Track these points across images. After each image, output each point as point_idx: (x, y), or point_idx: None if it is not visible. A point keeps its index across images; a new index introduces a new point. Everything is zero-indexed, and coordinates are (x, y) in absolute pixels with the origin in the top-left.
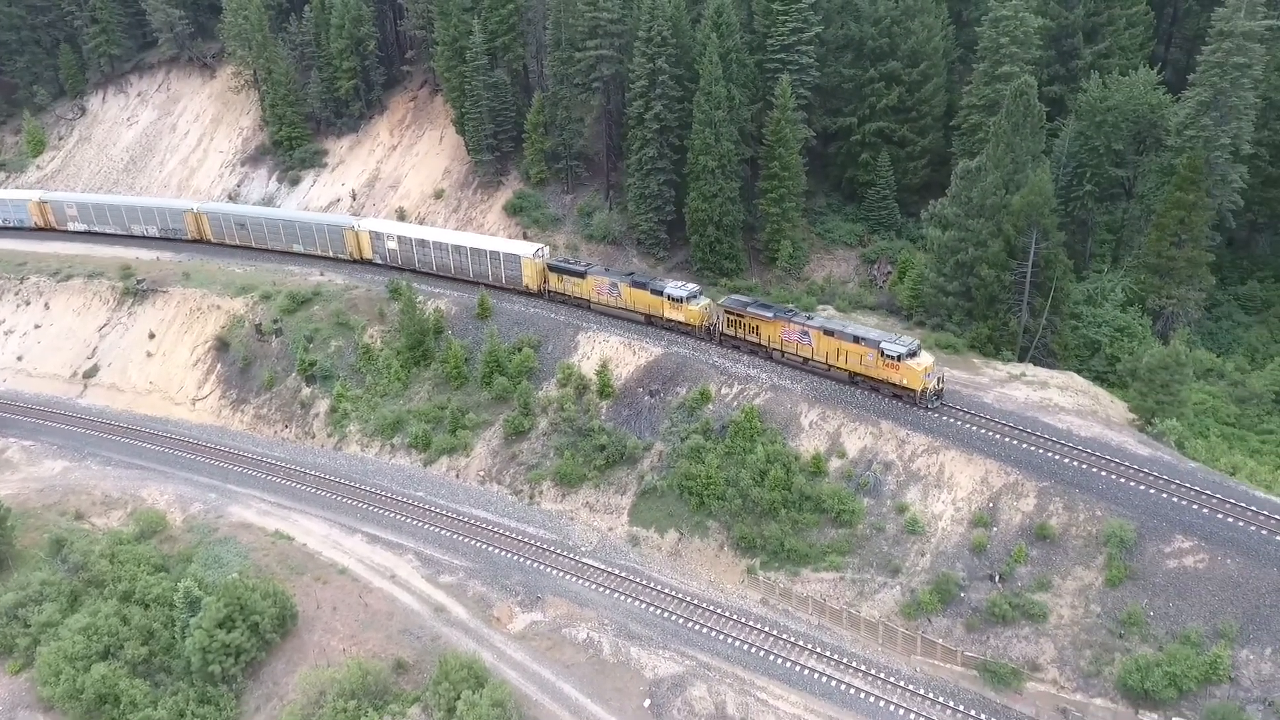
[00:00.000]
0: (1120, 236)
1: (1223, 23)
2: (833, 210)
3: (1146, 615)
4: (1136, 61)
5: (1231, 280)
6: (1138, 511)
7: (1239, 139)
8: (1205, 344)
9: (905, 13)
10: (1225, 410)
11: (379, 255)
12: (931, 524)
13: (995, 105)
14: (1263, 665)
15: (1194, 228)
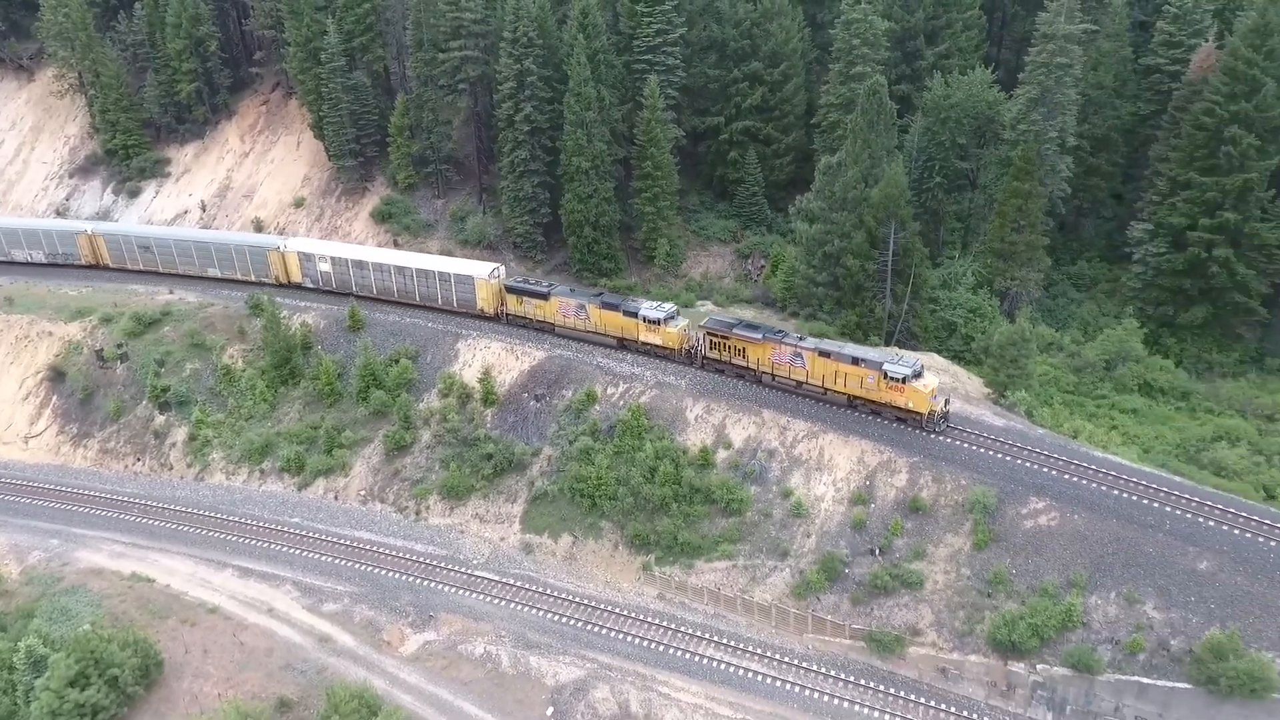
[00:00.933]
0: (968, 224)
1: (1046, 26)
2: (706, 208)
3: (1010, 574)
4: (973, 62)
5: (1064, 261)
6: (997, 478)
7: (1064, 132)
8: (1045, 320)
9: (764, 15)
10: (1065, 379)
11: (309, 278)
12: (815, 506)
13: (851, 104)
14: (1109, 609)
15: (1030, 214)
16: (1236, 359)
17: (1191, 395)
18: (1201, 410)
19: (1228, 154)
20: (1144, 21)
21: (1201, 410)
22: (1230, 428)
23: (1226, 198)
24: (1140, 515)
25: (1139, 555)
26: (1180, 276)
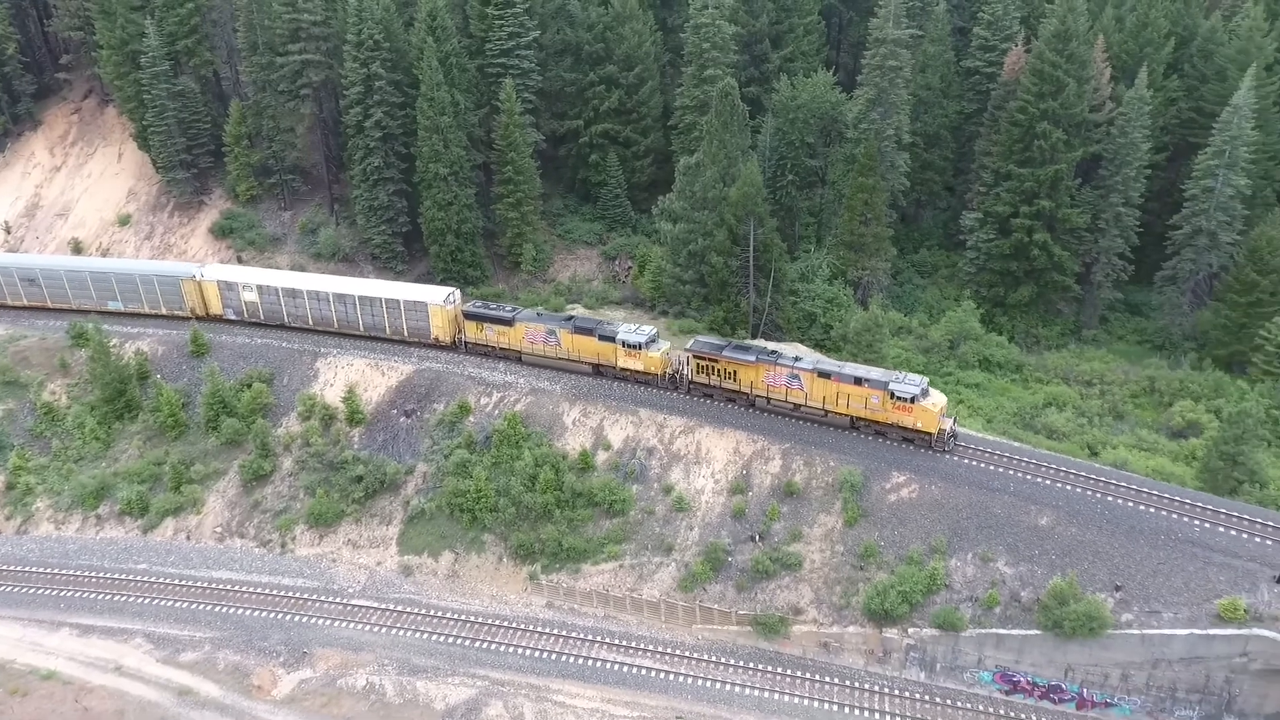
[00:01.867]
0: (820, 219)
1: (877, 31)
2: (570, 211)
3: (879, 546)
4: (815, 65)
5: (908, 250)
6: (862, 457)
7: (900, 130)
8: (895, 306)
9: (616, 19)
10: (916, 360)
11: (232, 310)
12: (696, 499)
13: (705, 105)
14: (967, 569)
15: (875, 208)
16: (1058, 332)
17: (1024, 367)
18: (1033, 380)
19: (1040, 147)
20: (963, 27)
21: (1033, 380)
22: (1057, 394)
23: (1041, 187)
24: (988, 480)
25: (989, 517)
26: (1008, 260)
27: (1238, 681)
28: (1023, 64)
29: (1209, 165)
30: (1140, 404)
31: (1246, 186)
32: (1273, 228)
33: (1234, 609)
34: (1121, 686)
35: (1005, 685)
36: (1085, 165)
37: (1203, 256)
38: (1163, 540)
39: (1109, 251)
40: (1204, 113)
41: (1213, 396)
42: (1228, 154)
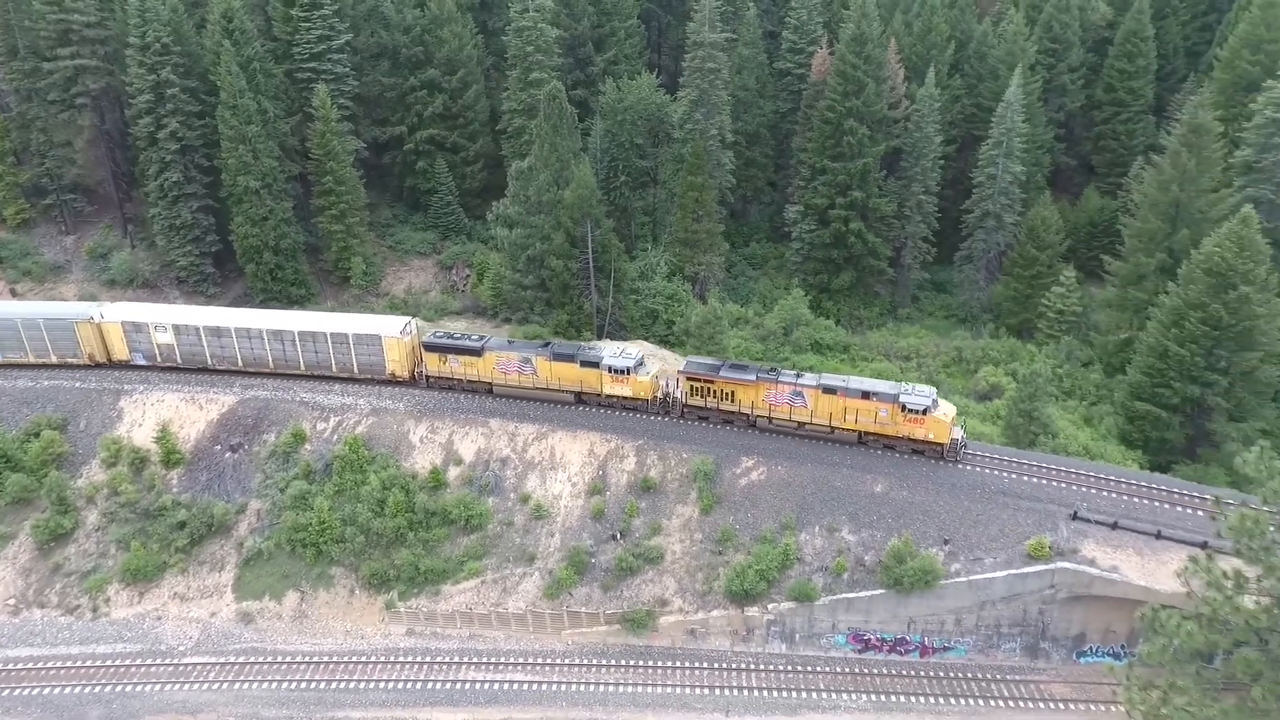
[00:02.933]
0: (655, 218)
1: (694, 34)
2: (400, 221)
3: (735, 530)
4: (638, 67)
5: (739, 244)
6: (712, 446)
7: (723, 130)
8: (732, 298)
9: (434, 22)
10: (754, 348)
11: (141, 354)
12: (554, 505)
13: (533, 109)
14: (816, 541)
15: (706, 205)
16: (878, 313)
17: (850, 347)
18: (859, 359)
19: (848, 143)
20: (773, 31)
21: (859, 359)
22: (881, 370)
23: (852, 180)
24: (827, 456)
25: (831, 490)
26: (829, 249)
27: (1048, 611)
28: (828, 66)
29: (990, 155)
30: (951, 372)
31: (1022, 173)
32: (1044, 208)
33: (1040, 547)
34: (956, 630)
35: (858, 645)
36: (889, 158)
37: (991, 236)
38: (979, 494)
39: (915, 236)
40: (983, 108)
41: (1009, 361)
42: (1005, 144)
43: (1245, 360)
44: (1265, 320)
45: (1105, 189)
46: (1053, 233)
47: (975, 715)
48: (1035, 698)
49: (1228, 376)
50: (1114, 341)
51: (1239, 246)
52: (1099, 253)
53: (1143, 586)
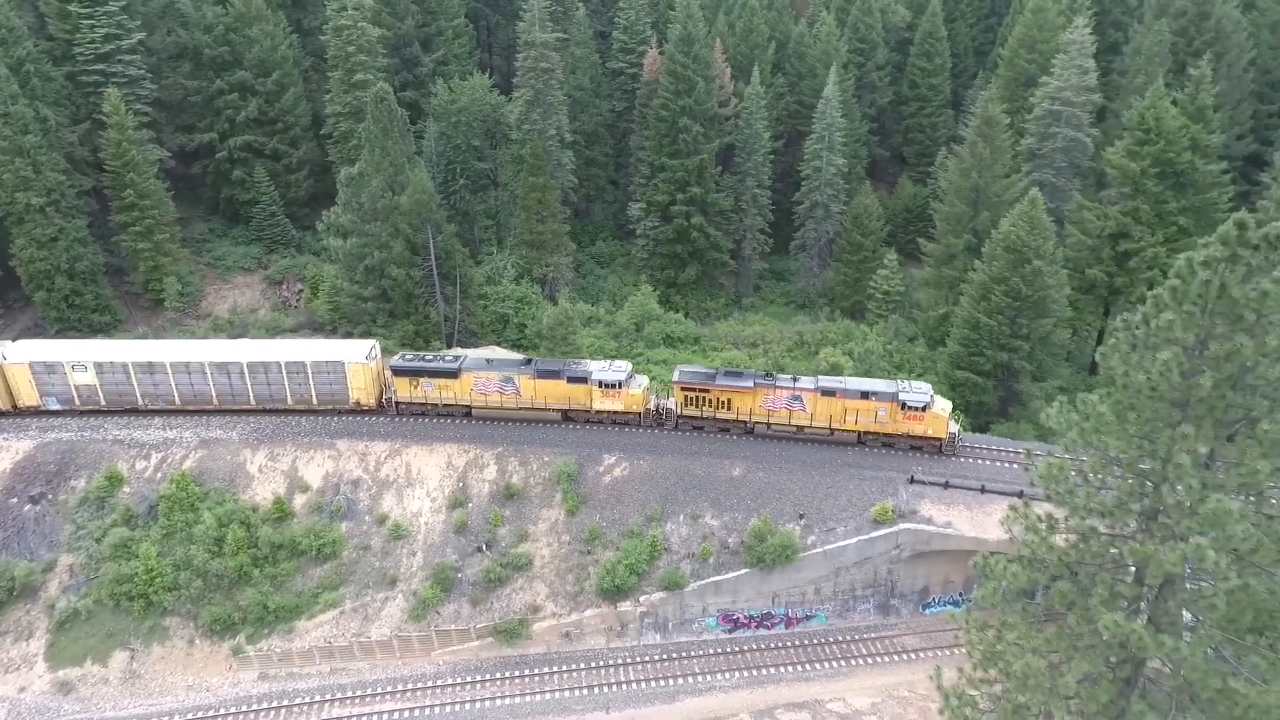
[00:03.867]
0: (499, 220)
1: (525, 34)
2: (219, 235)
3: (602, 527)
4: (470, 68)
5: (585, 243)
6: (573, 446)
7: (561, 130)
8: (582, 298)
9: (240, 20)
10: (608, 346)
11: (55, 398)
12: (414, 523)
13: (360, 112)
14: (681, 530)
15: (549, 205)
16: (724, 303)
17: (701, 339)
18: (709, 349)
19: (684, 140)
20: (603, 31)
21: (709, 349)
22: (731, 358)
23: (690, 176)
24: (686, 445)
25: (692, 479)
26: (673, 244)
27: (895, 570)
28: (659, 66)
29: (814, 149)
30: (795, 356)
31: (844, 165)
32: (866, 198)
33: (885, 512)
34: (816, 599)
35: (728, 625)
36: (723, 155)
37: (821, 226)
38: (828, 468)
39: (752, 229)
40: (805, 105)
41: (846, 341)
42: (826, 139)
43: (1042, 326)
44: (1055, 290)
45: (916, 178)
46: (874, 220)
47: (839, 676)
48: (890, 651)
49: (1029, 342)
50: (934, 317)
51: (1030, 225)
52: (915, 236)
53: (973, 537)
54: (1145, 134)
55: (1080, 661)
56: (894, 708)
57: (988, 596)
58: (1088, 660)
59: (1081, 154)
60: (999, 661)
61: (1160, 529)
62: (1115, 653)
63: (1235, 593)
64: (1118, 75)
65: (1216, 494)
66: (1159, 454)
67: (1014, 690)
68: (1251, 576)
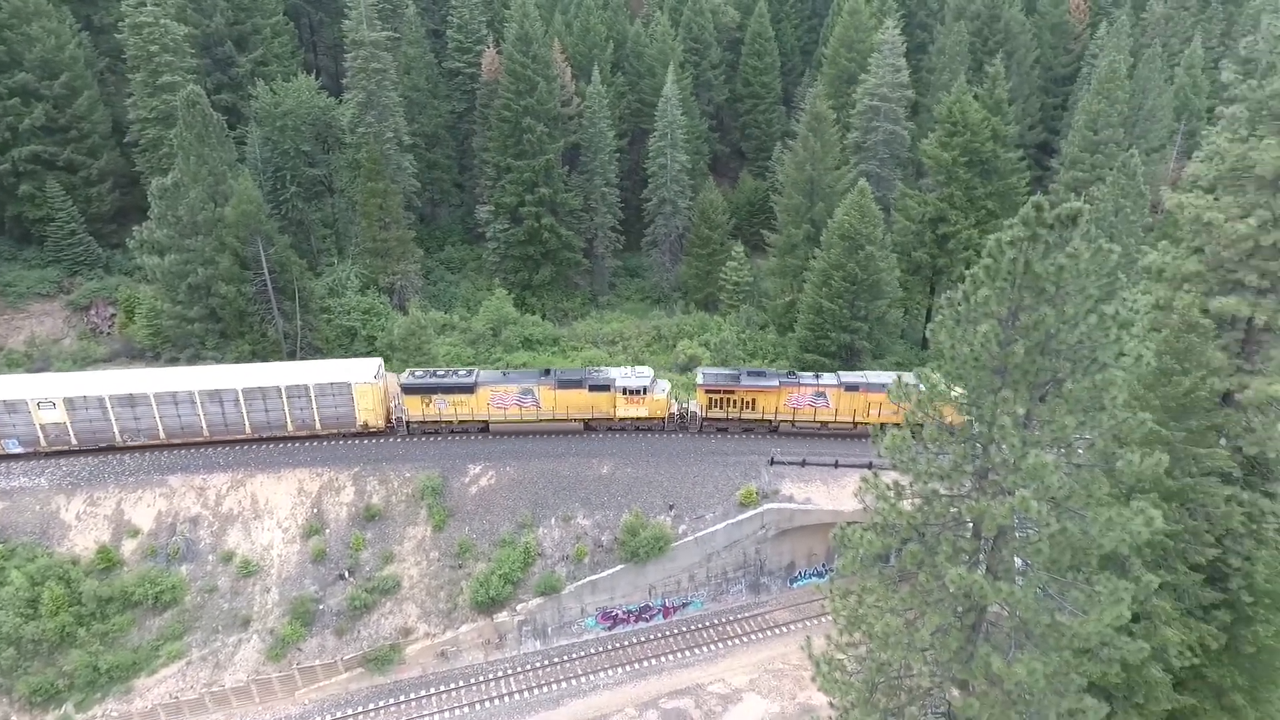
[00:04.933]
0: (337, 229)
1: (353, 33)
2: (8, 258)
3: (472, 539)
4: (293, 68)
5: (434, 249)
6: (435, 460)
7: (399, 132)
8: (434, 305)
9: (16, 15)
10: (466, 352)
11: (15, 440)
12: (265, 557)
13: (170, 117)
14: (554, 533)
15: (392, 211)
16: (580, 303)
17: (560, 339)
18: (569, 349)
19: (528, 140)
20: (436, 30)
21: (569, 349)
22: (592, 357)
23: (538, 176)
24: (552, 448)
25: (561, 480)
26: (525, 245)
27: (763, 549)
28: (498, 65)
29: (658, 146)
30: (654, 350)
31: (688, 162)
32: (710, 193)
33: (749, 495)
34: (691, 586)
35: (607, 623)
36: (569, 154)
37: (670, 221)
38: (693, 457)
39: (603, 227)
40: (646, 103)
41: (701, 332)
42: (669, 136)
43: (878, 308)
44: (886, 273)
45: (756, 172)
46: (720, 214)
47: (716, 658)
48: (764, 628)
49: (868, 323)
50: (781, 304)
51: (860, 214)
52: (759, 228)
53: (831, 510)
54: (953, 126)
55: (932, 615)
56: (770, 681)
57: (848, 565)
58: (938, 613)
59: (900, 146)
60: (862, 624)
61: (991, 486)
62: (961, 603)
63: (1055, 536)
64: (926, 73)
65: (1034, 450)
66: (985, 418)
67: (877, 649)
68: (1068, 521)
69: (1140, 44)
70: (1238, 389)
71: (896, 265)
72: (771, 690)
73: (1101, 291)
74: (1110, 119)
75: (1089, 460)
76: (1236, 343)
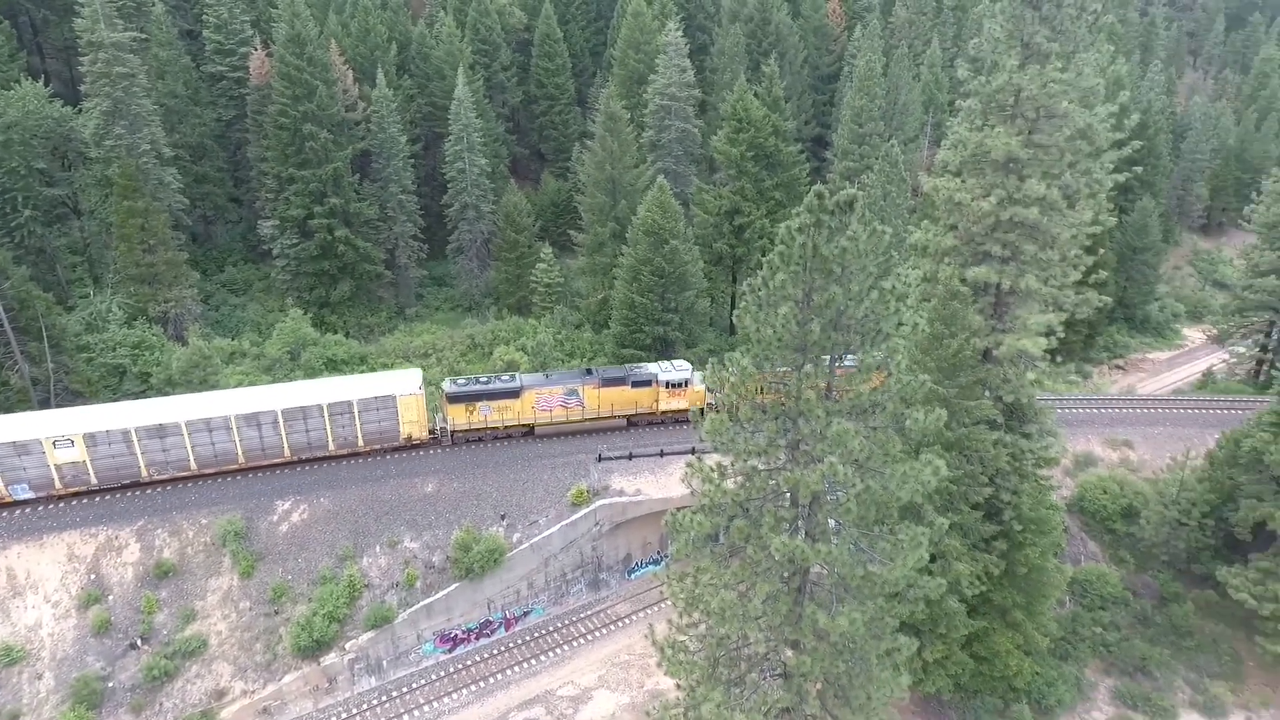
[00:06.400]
0: (90, 256)
1: (88, 34)
2: None
3: (288, 582)
4: (14, 74)
5: (212, 271)
6: (237, 501)
7: (157, 144)
8: (218, 332)
9: None
10: (261, 380)
11: (27, 484)
12: (33, 639)
13: None
14: (380, 561)
15: (156, 232)
16: (386, 317)
17: (367, 357)
18: (379, 366)
19: (312, 148)
20: (191, 30)
21: (379, 366)
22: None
23: (326, 186)
24: (368, 473)
25: (383, 505)
26: (319, 260)
27: (599, 545)
28: (268, 69)
29: (455, 150)
30: (470, 359)
31: (487, 165)
32: (513, 195)
33: (580, 494)
34: (530, 594)
35: (446, 646)
36: (360, 161)
37: (475, 226)
38: (521, 464)
39: (404, 236)
40: (438, 106)
41: (517, 337)
42: (465, 139)
43: (686, 299)
44: (691, 265)
45: (557, 173)
46: (525, 216)
47: (563, 661)
48: (606, 624)
49: (678, 314)
50: (594, 302)
51: (662, 210)
52: (565, 229)
53: (661, 499)
54: (739, 123)
55: (762, 584)
56: (619, 674)
57: (681, 548)
58: (767, 581)
59: (693, 143)
60: (700, 604)
61: (803, 456)
62: (786, 569)
63: (861, 495)
64: (710, 72)
65: (837, 419)
66: (793, 393)
67: (715, 625)
68: (870, 479)
69: (890, 45)
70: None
71: (700, 257)
72: (620, 683)
73: (879, 269)
74: (871, 113)
75: (883, 422)
76: (990, 306)
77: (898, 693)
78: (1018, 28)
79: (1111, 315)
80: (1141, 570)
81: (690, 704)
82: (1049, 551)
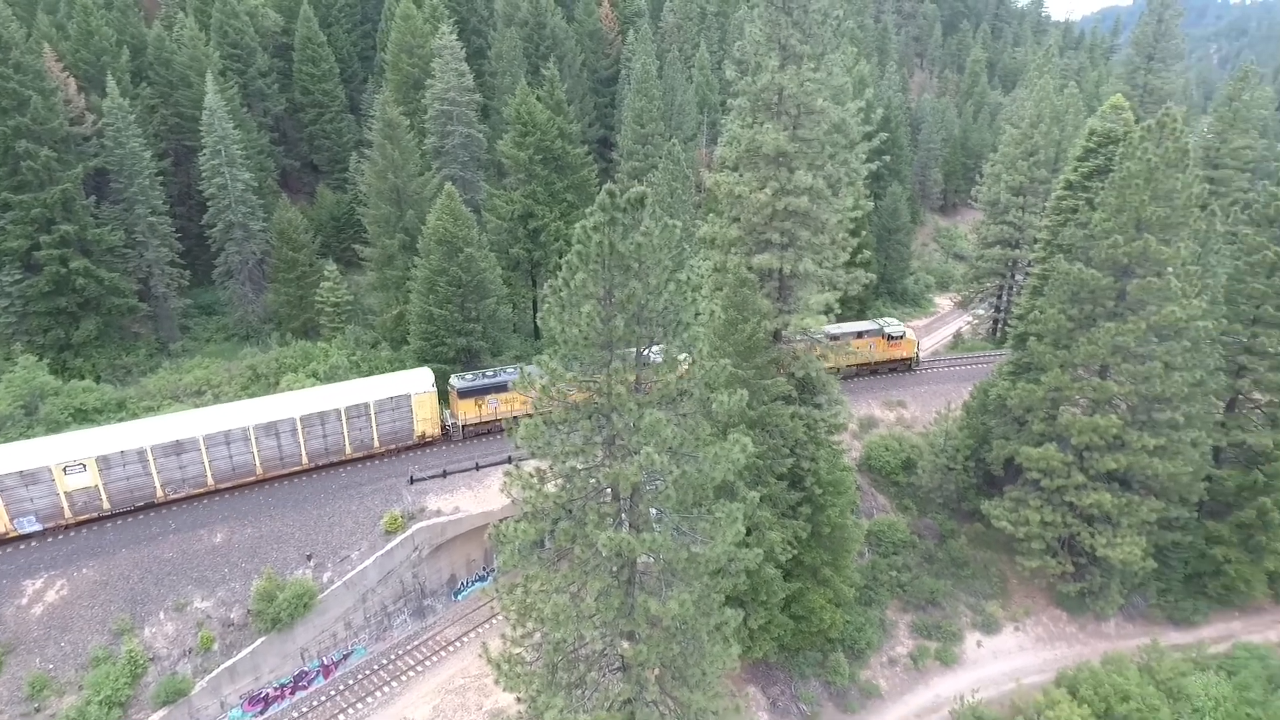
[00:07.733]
0: None
1: None
2: None
3: (49, 671)
4: None
5: None
6: None
7: None
8: None
9: None
10: None
11: (34, 516)
12: None
13: None
14: (167, 628)
15: None
16: (146, 355)
17: (126, 402)
18: (143, 410)
19: (31, 169)
20: None
21: (143, 410)
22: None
23: (53, 211)
24: (143, 531)
25: (164, 564)
26: (53, 297)
27: (420, 571)
28: None
29: (212, 164)
30: (254, 391)
31: (253, 179)
32: (286, 210)
33: (394, 521)
34: (349, 634)
35: (257, 708)
36: (95, 181)
37: (244, 247)
38: (324, 497)
39: (159, 262)
40: (187, 117)
41: (307, 363)
42: (223, 152)
43: (487, 307)
44: (489, 272)
45: (334, 184)
46: (302, 233)
47: (393, 699)
48: (436, 650)
49: (480, 323)
50: (389, 318)
51: (453, 217)
52: (349, 243)
53: (481, 513)
54: (524, 127)
55: (593, 582)
56: (454, 699)
57: (508, 559)
58: (598, 578)
59: (478, 148)
60: (533, 612)
61: (619, 450)
62: (615, 563)
63: (679, 480)
64: (489, 76)
65: (649, 410)
66: (603, 390)
67: (550, 631)
68: (685, 464)
69: (662, 49)
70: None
71: (496, 264)
72: (457, 708)
73: (674, 262)
74: (651, 114)
75: (691, 409)
76: (775, 290)
77: (730, 664)
78: (775, 31)
79: (876, 291)
80: (923, 515)
81: (532, 715)
82: (846, 509)
